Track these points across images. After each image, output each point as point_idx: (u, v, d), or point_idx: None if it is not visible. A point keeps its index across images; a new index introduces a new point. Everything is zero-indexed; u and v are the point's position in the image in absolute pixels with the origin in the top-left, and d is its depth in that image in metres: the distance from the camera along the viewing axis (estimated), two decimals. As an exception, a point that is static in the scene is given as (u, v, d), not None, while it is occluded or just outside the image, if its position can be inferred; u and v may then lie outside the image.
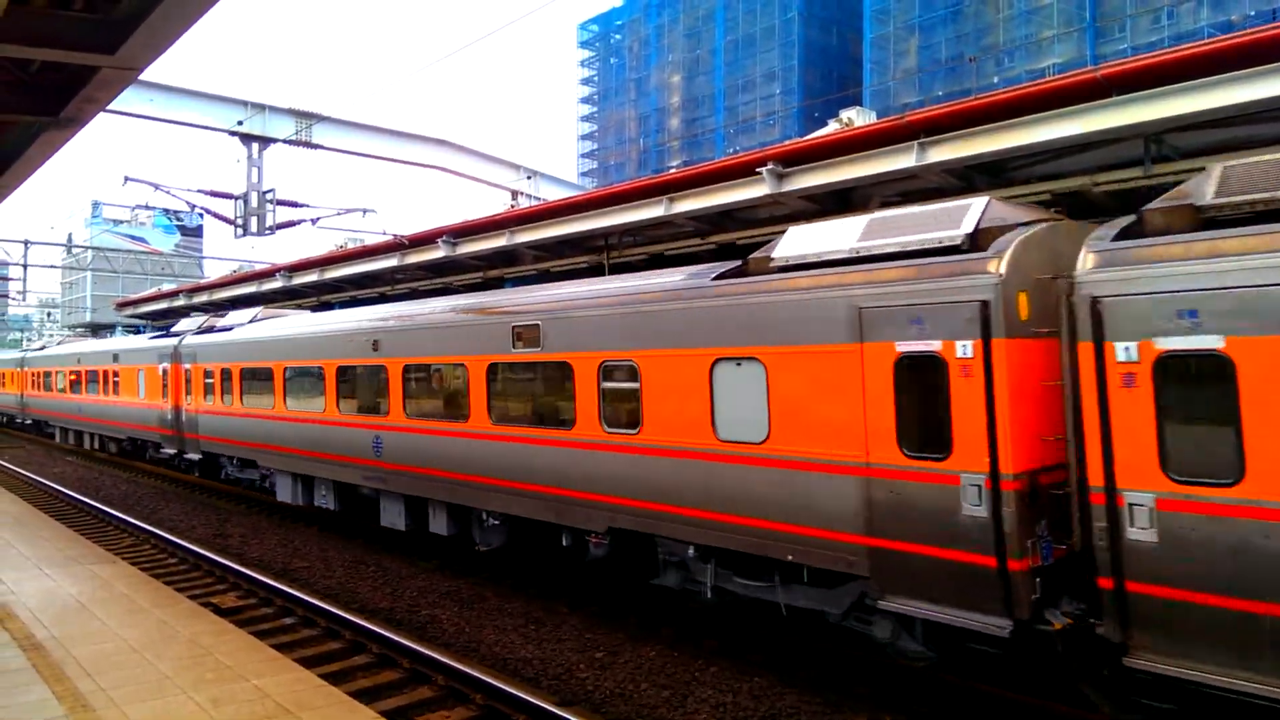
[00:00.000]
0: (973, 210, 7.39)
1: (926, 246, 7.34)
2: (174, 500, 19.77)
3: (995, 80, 42.67)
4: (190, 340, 19.73)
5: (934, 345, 6.96)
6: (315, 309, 24.65)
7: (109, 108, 9.99)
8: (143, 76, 8.76)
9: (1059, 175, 10.75)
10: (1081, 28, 43.36)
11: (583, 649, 9.20)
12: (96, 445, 27.88)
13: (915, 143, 10.98)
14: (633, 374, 9.30)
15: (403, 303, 14.54)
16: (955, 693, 7.72)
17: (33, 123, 9.00)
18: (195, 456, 19.69)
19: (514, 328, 10.79)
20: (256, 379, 16.60)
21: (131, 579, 10.45)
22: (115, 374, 24.13)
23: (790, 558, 7.95)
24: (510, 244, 18.06)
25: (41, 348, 37.33)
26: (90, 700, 6.54)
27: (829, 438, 7.65)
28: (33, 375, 34.18)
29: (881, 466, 7.28)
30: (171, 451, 20.88)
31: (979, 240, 7.13)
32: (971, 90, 36.87)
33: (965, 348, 6.80)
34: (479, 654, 9.17)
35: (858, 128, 13.62)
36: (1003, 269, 6.71)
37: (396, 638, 9.07)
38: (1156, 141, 9.71)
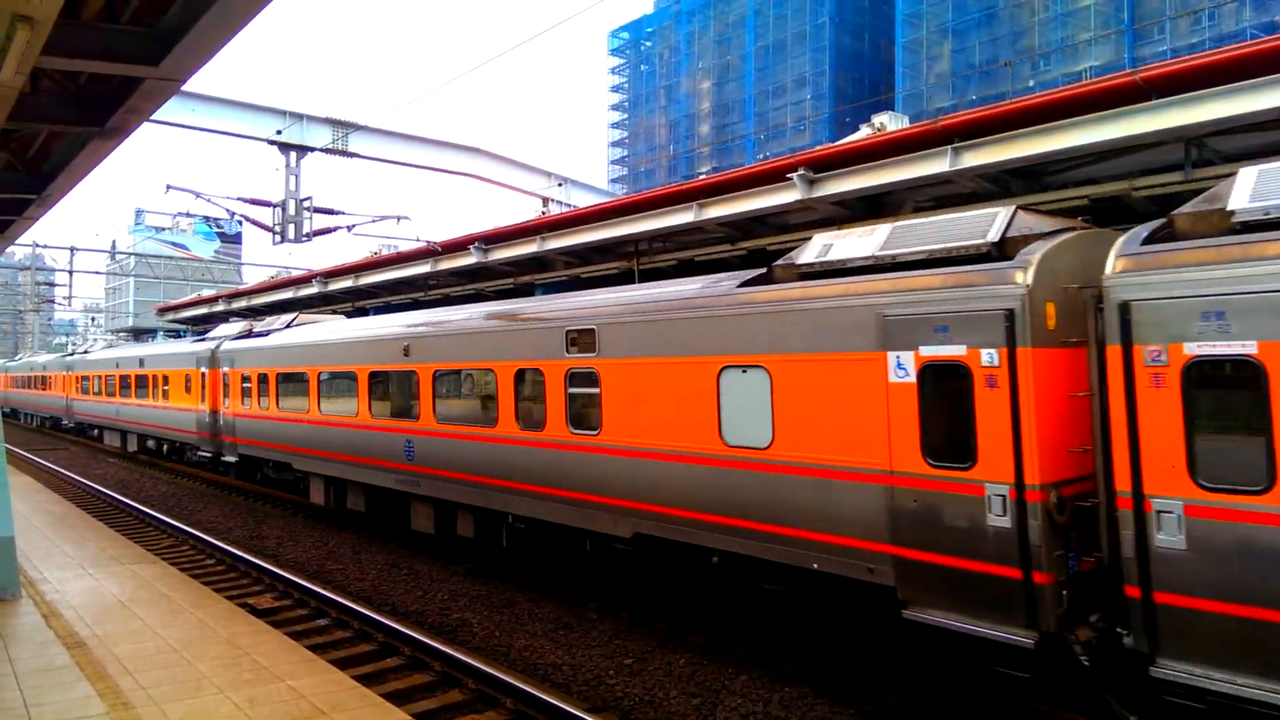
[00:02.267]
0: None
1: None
2: (212, 502, 20.13)
3: (1031, 84, 42.11)
4: None
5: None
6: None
7: (152, 117, 10.22)
8: (185, 87, 8.97)
9: (1097, 180, 10.58)
10: (1119, 30, 42.66)
11: (612, 655, 9.21)
12: None
13: (949, 147, 10.86)
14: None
15: None
16: (990, 706, 7.60)
17: (80, 133, 9.25)
18: None
19: None
20: None
21: (171, 579, 10.65)
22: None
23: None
24: (541, 250, 18.16)
25: (262, 332, 19.98)
26: (131, 698, 6.68)
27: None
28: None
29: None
30: None
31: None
32: (1006, 94, 36.44)
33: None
34: (509, 658, 9.21)
35: (890, 132, 13.51)
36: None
37: (428, 640, 9.14)
38: (1197, 145, 9.52)
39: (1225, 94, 8.65)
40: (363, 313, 25.65)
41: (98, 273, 59.57)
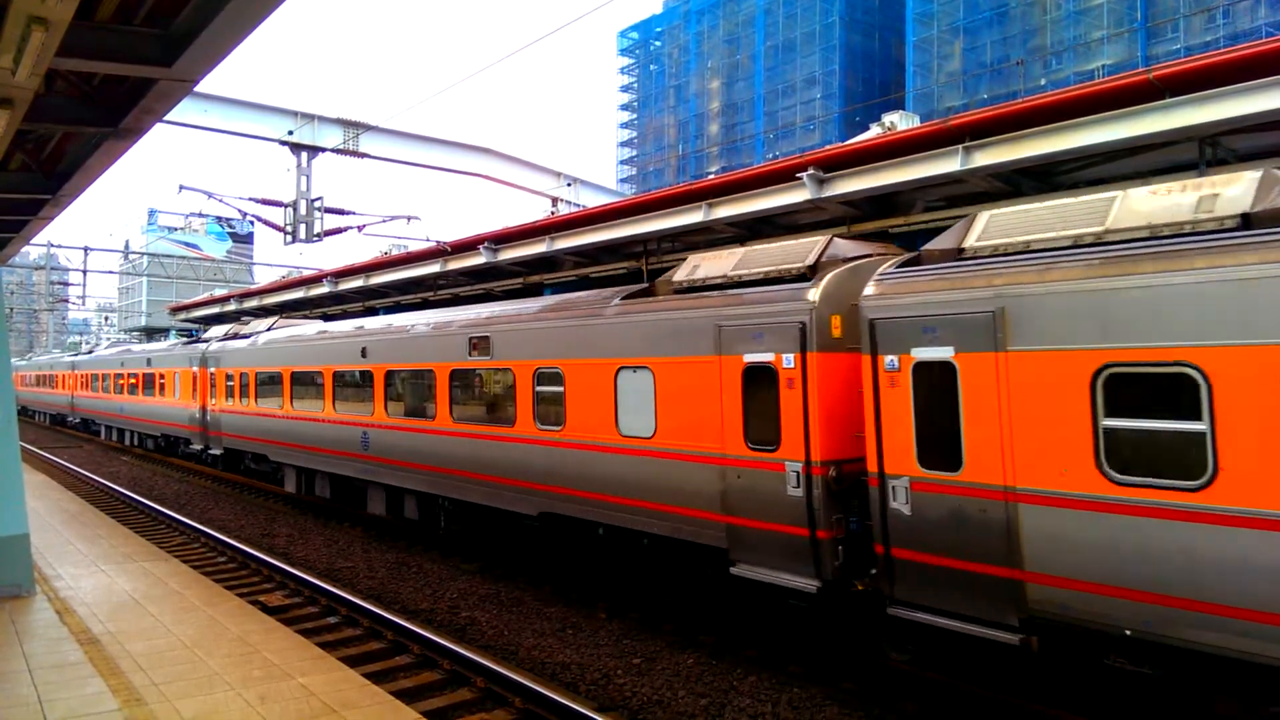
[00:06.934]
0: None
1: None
2: (224, 500, 20.24)
3: (1043, 83, 41.93)
4: None
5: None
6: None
7: (166, 118, 10.28)
8: (198, 89, 9.01)
9: (1109, 179, 10.52)
10: (1132, 29, 42.41)
11: (621, 655, 9.22)
12: None
13: (960, 146, 10.82)
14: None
15: None
16: (1007, 710, 7.57)
17: (94, 134, 9.29)
18: None
19: None
20: None
21: (183, 577, 10.72)
22: None
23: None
24: (550, 250, 18.18)
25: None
26: (144, 695, 6.73)
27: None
28: None
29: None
30: None
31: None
32: (1018, 93, 36.24)
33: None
34: (518, 657, 9.23)
35: (900, 132, 13.45)
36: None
37: (438, 639, 9.17)
38: (1211, 144, 9.46)
39: (1239, 93, 8.58)
40: (370, 312, 25.73)
41: (111, 272, 59.93)
